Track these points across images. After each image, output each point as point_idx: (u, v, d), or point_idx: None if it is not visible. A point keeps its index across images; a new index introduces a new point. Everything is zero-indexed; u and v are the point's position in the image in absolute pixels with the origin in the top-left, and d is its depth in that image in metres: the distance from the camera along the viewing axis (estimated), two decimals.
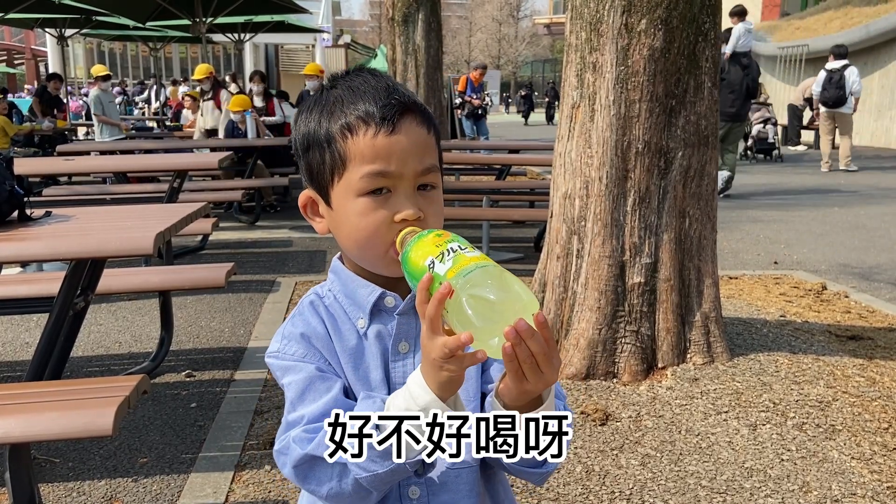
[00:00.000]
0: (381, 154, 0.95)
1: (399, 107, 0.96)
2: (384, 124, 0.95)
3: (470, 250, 0.85)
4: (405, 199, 0.96)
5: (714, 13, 3.38)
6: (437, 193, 1.01)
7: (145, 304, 4.89)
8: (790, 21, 21.87)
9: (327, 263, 6.14)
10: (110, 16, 12.97)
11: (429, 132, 1.00)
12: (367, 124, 0.96)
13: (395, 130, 0.95)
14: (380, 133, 0.95)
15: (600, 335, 3.38)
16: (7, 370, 3.90)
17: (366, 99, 0.97)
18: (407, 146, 0.96)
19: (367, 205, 0.97)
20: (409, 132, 0.97)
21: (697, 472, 2.63)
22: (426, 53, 10.08)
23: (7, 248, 2.67)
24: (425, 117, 1.00)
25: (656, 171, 3.36)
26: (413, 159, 0.96)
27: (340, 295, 1.06)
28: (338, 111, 0.98)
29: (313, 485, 0.96)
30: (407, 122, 0.97)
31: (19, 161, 4.76)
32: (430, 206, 0.99)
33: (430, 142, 1.00)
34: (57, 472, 2.81)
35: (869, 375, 3.42)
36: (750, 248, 6.69)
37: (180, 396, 3.50)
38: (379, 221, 0.96)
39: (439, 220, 1.00)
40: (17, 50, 34.69)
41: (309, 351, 1.01)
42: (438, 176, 1.01)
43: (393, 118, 0.95)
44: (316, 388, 0.99)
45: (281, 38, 25.20)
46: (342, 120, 0.97)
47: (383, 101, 0.96)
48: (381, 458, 0.89)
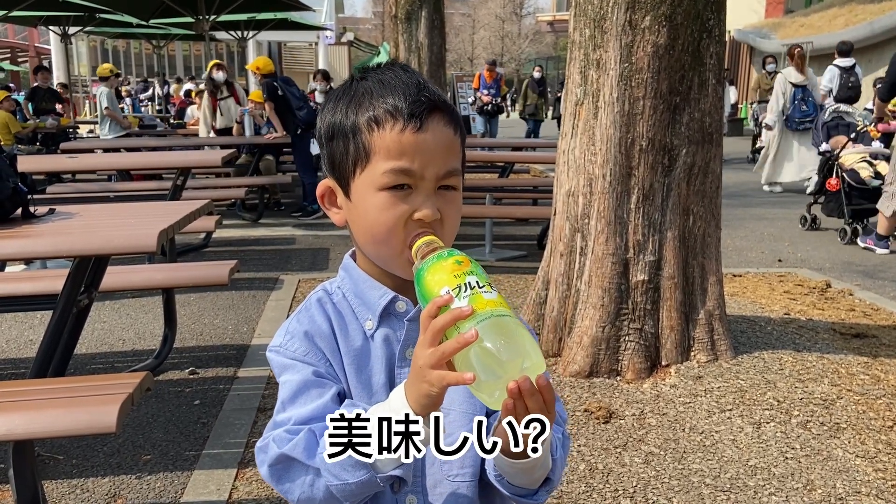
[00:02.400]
0: (407, 151, 0.94)
1: (428, 104, 0.95)
2: (412, 120, 0.93)
3: (487, 290, 0.83)
4: (425, 199, 0.95)
5: (718, 10, 3.37)
6: (456, 196, 0.99)
7: (149, 302, 4.89)
8: (794, 18, 21.80)
9: (330, 261, 6.17)
10: (114, 13, 12.98)
11: (455, 133, 0.98)
12: (395, 119, 0.94)
13: (423, 128, 0.94)
14: (407, 129, 0.93)
15: (604, 333, 3.37)
16: (11, 367, 3.91)
17: (396, 93, 0.95)
18: (433, 146, 0.94)
19: (387, 199, 0.95)
20: (436, 131, 0.95)
21: (701, 470, 2.63)
22: (429, 51, 10.07)
23: (11, 245, 2.67)
24: (453, 118, 0.98)
25: (660, 168, 3.35)
26: (438, 160, 0.95)
27: (350, 293, 1.04)
28: (366, 103, 0.96)
29: (287, 486, 0.95)
30: (435, 120, 0.95)
31: (23, 158, 4.78)
32: (449, 207, 0.97)
33: (455, 143, 0.98)
34: (61, 469, 2.81)
35: (873, 373, 3.41)
36: (754, 246, 6.68)
37: (184, 394, 3.50)
38: (396, 217, 0.95)
39: (456, 222, 1.00)
40: (20, 48, 34.76)
41: (311, 349, 1.00)
42: (460, 179, 1.00)
43: (421, 115, 0.94)
44: (309, 392, 0.97)
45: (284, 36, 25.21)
46: (370, 112, 0.95)
47: (413, 97, 0.94)
48: (353, 467, 0.88)
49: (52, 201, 4.11)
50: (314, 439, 0.93)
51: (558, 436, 0.99)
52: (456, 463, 1.00)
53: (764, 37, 21.03)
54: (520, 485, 0.94)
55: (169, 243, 5.03)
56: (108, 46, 29.63)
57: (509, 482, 0.94)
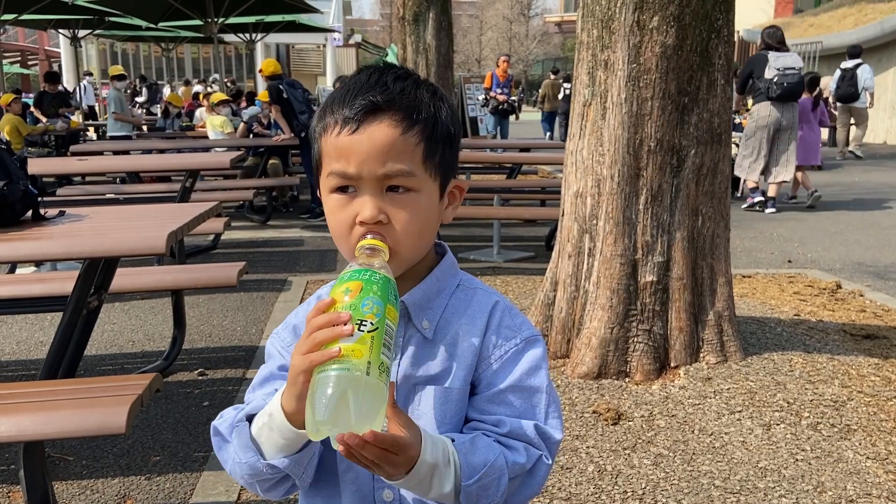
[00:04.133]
0: (343, 153, 0.95)
1: (368, 106, 0.94)
2: (348, 124, 0.95)
3: (353, 330, 0.83)
4: (367, 200, 0.95)
5: (727, 10, 3.35)
6: (411, 197, 0.96)
7: (158, 303, 4.91)
8: (804, 18, 21.71)
9: (338, 262, 6.18)
10: (123, 16, 13.06)
11: (405, 132, 0.95)
12: (336, 123, 0.96)
13: (358, 130, 0.94)
14: (343, 132, 0.95)
15: (612, 334, 3.36)
16: (21, 368, 3.93)
17: (347, 97, 0.97)
18: (367, 147, 0.94)
19: (336, 202, 0.98)
20: (373, 133, 0.94)
21: (711, 472, 2.62)
22: (437, 52, 10.08)
23: (21, 247, 2.68)
24: (405, 117, 0.95)
25: (669, 169, 3.34)
26: (373, 161, 0.94)
27: None
28: (325, 108, 1.00)
29: (223, 457, 1.02)
30: (375, 122, 0.94)
31: (33, 161, 4.80)
32: (399, 209, 0.95)
33: (402, 143, 0.95)
34: (71, 469, 2.83)
35: (884, 375, 3.39)
36: (763, 247, 6.65)
37: (193, 395, 3.52)
38: (343, 222, 0.97)
39: (410, 225, 0.96)
40: (30, 51, 34.99)
41: (294, 342, 1.03)
42: (415, 179, 0.96)
43: (357, 118, 0.94)
44: (272, 382, 1.05)
45: (292, 38, 25.28)
46: (323, 120, 0.99)
47: (355, 100, 0.95)
48: (244, 448, 0.96)
49: (62, 203, 4.13)
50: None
51: (519, 461, 0.97)
52: None
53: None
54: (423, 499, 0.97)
55: (178, 245, 5.04)
56: (118, 49, 29.80)
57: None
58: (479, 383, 1.02)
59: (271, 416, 0.93)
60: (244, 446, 0.96)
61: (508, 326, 1.03)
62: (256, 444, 0.96)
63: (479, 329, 1.02)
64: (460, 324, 1.02)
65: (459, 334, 1.01)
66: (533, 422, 1.00)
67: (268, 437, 0.94)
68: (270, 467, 0.95)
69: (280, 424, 0.92)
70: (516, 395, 1.00)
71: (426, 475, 0.90)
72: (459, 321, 1.02)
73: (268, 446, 0.95)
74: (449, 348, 1.00)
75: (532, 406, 1.01)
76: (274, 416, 0.93)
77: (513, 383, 1.00)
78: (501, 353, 1.01)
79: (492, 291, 1.08)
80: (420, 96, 0.98)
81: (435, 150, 0.99)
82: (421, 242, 1.00)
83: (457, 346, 1.01)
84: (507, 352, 1.02)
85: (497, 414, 0.99)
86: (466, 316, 1.03)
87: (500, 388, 1.00)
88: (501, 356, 1.01)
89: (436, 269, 1.05)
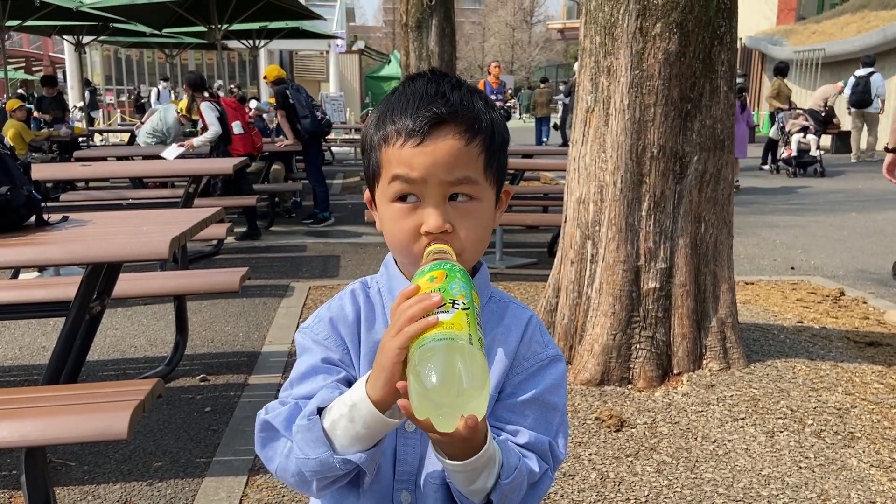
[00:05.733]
0: (406, 162, 0.96)
1: (433, 119, 0.96)
2: (413, 136, 0.96)
3: (447, 308, 0.83)
4: (432, 210, 0.96)
5: (730, 17, 3.36)
6: (474, 205, 0.98)
7: (160, 309, 4.92)
8: (806, 25, 21.71)
9: (341, 268, 6.18)
10: (127, 23, 13.09)
11: (469, 143, 0.97)
12: (399, 135, 0.97)
13: (424, 142, 0.95)
14: (407, 144, 0.96)
15: (615, 341, 3.35)
16: (24, 374, 3.93)
17: (408, 108, 0.97)
18: (433, 156, 0.95)
19: (397, 211, 0.98)
20: (439, 144, 0.96)
21: (714, 480, 2.61)
22: (440, 59, 10.08)
23: (25, 252, 2.69)
24: (468, 127, 0.97)
25: (671, 175, 3.34)
26: (440, 169, 0.95)
27: (384, 289, 1.08)
28: (384, 119, 1.00)
29: (269, 453, 0.99)
30: (440, 134, 0.96)
31: (37, 166, 4.81)
32: (464, 218, 0.97)
33: (467, 153, 0.97)
34: (72, 475, 2.82)
35: (888, 382, 3.37)
36: (766, 254, 6.64)
37: (195, 400, 3.51)
38: (406, 231, 0.98)
39: (475, 233, 0.99)
40: (35, 57, 35.12)
41: (332, 335, 1.04)
42: (478, 188, 0.99)
43: (422, 130, 0.95)
44: (316, 377, 1.01)
45: (295, 45, 25.32)
46: (382, 130, 1.00)
47: (418, 112, 0.96)
48: (314, 442, 0.92)
49: (66, 209, 4.14)
50: (297, 412, 0.96)
51: (535, 469, 0.98)
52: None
53: (776, 43, 20.95)
54: (457, 488, 0.95)
55: (181, 250, 5.05)
56: (122, 55, 29.87)
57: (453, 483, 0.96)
58: (502, 391, 1.03)
59: (354, 406, 0.90)
60: (315, 441, 0.92)
61: (538, 342, 1.06)
62: (329, 439, 0.92)
63: (515, 339, 1.04)
64: (496, 332, 1.04)
65: (496, 342, 1.03)
66: (547, 438, 1.02)
67: (345, 430, 0.91)
68: (345, 462, 0.91)
69: (366, 414, 0.88)
70: (534, 408, 1.02)
71: (482, 465, 0.90)
72: (495, 330, 1.04)
73: (344, 439, 0.91)
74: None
75: (547, 422, 1.03)
76: (358, 406, 0.89)
77: (534, 396, 1.02)
78: (528, 365, 1.04)
79: (525, 306, 1.11)
80: (478, 106, 1.00)
81: (493, 158, 1.01)
82: (482, 248, 1.03)
83: (492, 354, 1.02)
84: (533, 365, 1.04)
85: (514, 423, 1.01)
86: (503, 326, 1.06)
87: (520, 399, 1.02)
88: (527, 368, 1.04)
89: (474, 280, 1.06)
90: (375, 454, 0.93)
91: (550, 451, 1.01)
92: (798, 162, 12.58)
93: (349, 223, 8.25)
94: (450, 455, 0.89)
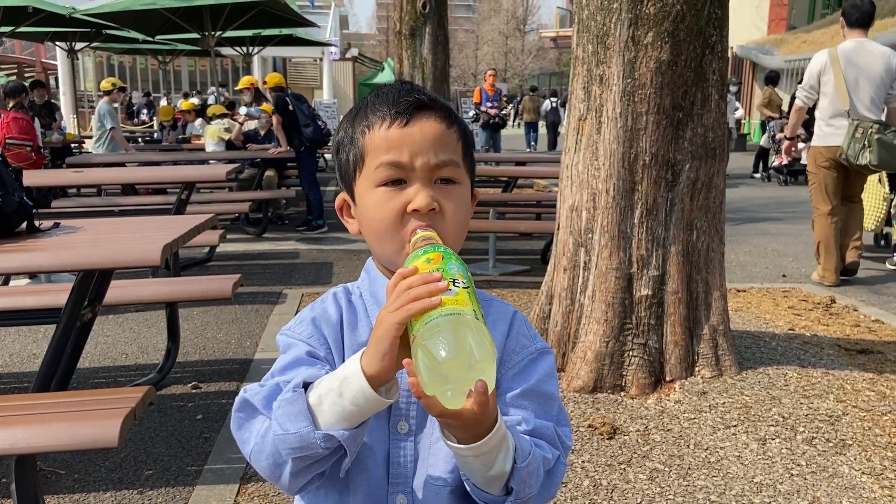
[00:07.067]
0: (394, 144, 0.98)
1: (415, 103, 0.99)
2: (398, 117, 0.98)
3: (448, 287, 0.84)
4: (421, 189, 0.98)
5: (721, 26, 3.38)
6: (458, 189, 1.01)
7: (152, 316, 4.90)
8: (797, 34, 21.89)
9: (334, 275, 6.18)
10: (120, 29, 13.08)
11: (449, 128, 1.01)
12: (384, 119, 0.99)
13: (409, 123, 0.98)
14: (393, 125, 0.99)
15: (608, 348, 3.36)
16: (14, 381, 3.91)
17: (386, 100, 1.01)
18: (420, 138, 0.98)
19: (383, 195, 0.99)
20: (423, 125, 0.99)
21: (706, 487, 2.61)
22: (433, 66, 10.12)
23: (16, 258, 2.68)
24: (446, 115, 1.02)
25: (664, 183, 3.36)
26: (427, 151, 0.98)
27: (366, 293, 1.08)
28: (361, 114, 1.03)
29: (245, 435, 0.97)
30: (423, 117, 0.99)
31: (28, 172, 4.79)
32: (448, 199, 0.99)
33: (448, 136, 1.01)
34: (62, 483, 2.80)
35: (879, 390, 3.39)
36: (758, 261, 6.67)
37: (186, 408, 3.50)
38: (393, 211, 0.98)
39: (458, 215, 1.01)
40: (27, 63, 35.01)
41: (315, 333, 1.04)
42: (460, 172, 1.02)
43: (407, 112, 0.99)
44: (298, 368, 1.00)
45: (289, 52, 25.37)
46: (365, 120, 1.02)
47: (399, 98, 1.00)
48: (296, 416, 0.89)
49: (57, 215, 4.12)
50: (277, 392, 0.94)
51: (547, 456, 0.98)
52: (442, 466, 1.00)
53: (766, 53, 21.12)
54: (475, 481, 0.94)
55: (173, 257, 5.03)
56: (115, 62, 29.84)
57: (467, 478, 0.94)
58: (496, 386, 1.02)
59: (346, 379, 0.88)
60: (297, 414, 0.89)
61: (526, 335, 1.07)
62: (312, 414, 0.90)
63: (501, 334, 1.05)
64: None
65: None
66: (551, 424, 1.02)
67: (332, 405, 0.88)
68: (326, 438, 0.88)
69: (356, 389, 0.87)
70: (532, 399, 1.03)
71: (496, 446, 0.89)
72: None
73: (329, 415, 0.89)
74: None
75: (546, 411, 1.03)
76: (350, 380, 0.87)
77: (530, 388, 1.03)
78: (518, 359, 1.05)
79: (507, 303, 1.12)
80: (448, 104, 1.05)
81: (468, 149, 1.06)
82: (463, 235, 1.04)
83: None
84: (523, 358, 1.05)
85: (514, 415, 1.01)
86: (488, 322, 1.04)
87: (516, 392, 1.02)
88: (518, 362, 1.04)
89: None
90: (359, 434, 0.91)
91: (558, 437, 1.01)
92: (789, 170, 12.68)
93: (343, 230, 8.20)
94: (461, 439, 0.87)
